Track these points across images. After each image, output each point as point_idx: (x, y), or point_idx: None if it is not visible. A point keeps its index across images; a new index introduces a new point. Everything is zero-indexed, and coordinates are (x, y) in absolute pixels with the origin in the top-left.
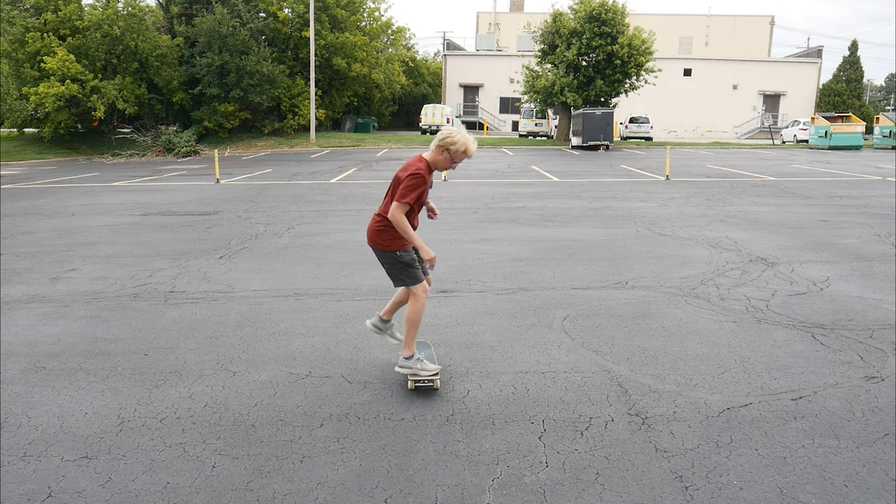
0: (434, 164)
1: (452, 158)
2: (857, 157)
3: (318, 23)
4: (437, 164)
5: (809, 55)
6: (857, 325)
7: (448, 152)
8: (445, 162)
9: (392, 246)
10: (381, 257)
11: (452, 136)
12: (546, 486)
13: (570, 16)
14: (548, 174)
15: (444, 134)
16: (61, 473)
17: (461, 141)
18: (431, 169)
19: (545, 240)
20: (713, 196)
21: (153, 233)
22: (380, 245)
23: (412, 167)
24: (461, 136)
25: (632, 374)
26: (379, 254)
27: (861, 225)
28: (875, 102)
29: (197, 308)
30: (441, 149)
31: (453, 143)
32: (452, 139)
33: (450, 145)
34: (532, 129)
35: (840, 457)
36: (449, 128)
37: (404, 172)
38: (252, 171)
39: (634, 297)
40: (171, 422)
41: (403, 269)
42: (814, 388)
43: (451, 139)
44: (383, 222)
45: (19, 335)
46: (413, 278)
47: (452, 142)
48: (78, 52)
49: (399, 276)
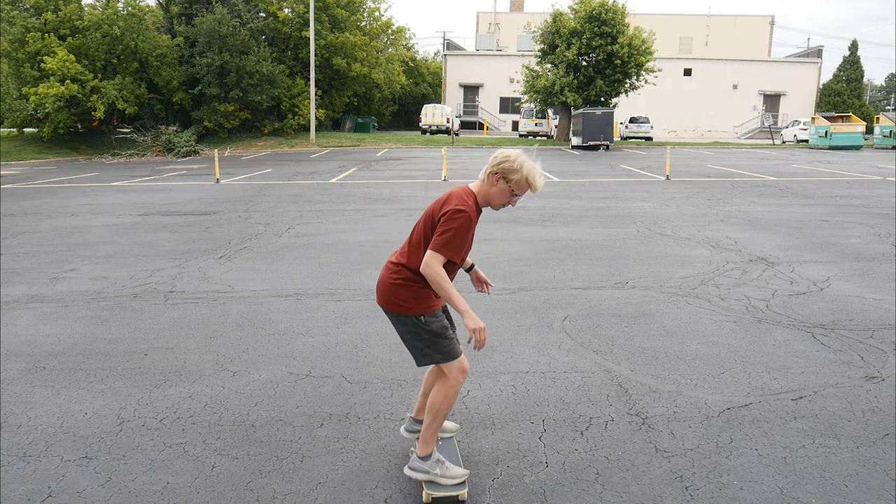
0: (486, 198)
1: (513, 191)
2: (858, 157)
3: (318, 23)
4: (490, 198)
5: (809, 55)
6: (858, 325)
7: (507, 181)
8: (503, 196)
9: (416, 308)
10: (399, 323)
11: (512, 161)
12: (546, 486)
13: (570, 16)
14: (548, 174)
15: (502, 157)
16: (61, 473)
17: (526, 168)
18: (480, 206)
19: (545, 240)
20: (713, 196)
21: (153, 233)
22: (398, 306)
23: (455, 199)
24: (524, 161)
25: (632, 374)
26: (395, 318)
27: (861, 225)
28: (875, 102)
29: (197, 308)
30: (497, 177)
31: (514, 169)
32: (512, 164)
33: (510, 173)
34: (532, 129)
35: (840, 457)
36: (506, 151)
37: (443, 207)
38: (252, 170)
39: (634, 297)
40: (171, 422)
41: (432, 341)
42: (814, 388)
43: (511, 164)
44: (403, 274)
45: (19, 335)
46: (446, 353)
47: (512, 168)
48: (78, 52)
49: (425, 351)
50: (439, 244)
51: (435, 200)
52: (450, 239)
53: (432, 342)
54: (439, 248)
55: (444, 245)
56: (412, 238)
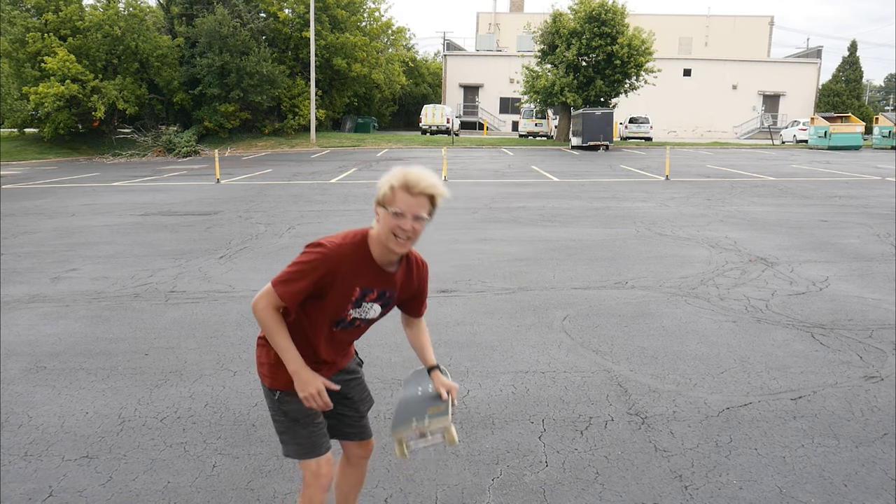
0: (378, 238)
1: (391, 210)
2: (857, 158)
3: (318, 23)
4: (380, 235)
5: (809, 55)
6: (857, 325)
7: (381, 205)
8: (385, 224)
9: (274, 379)
10: (265, 396)
11: (380, 181)
12: (546, 485)
13: (570, 16)
14: (548, 174)
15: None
16: (62, 473)
17: (392, 173)
18: (375, 255)
19: (545, 240)
20: (713, 196)
21: (154, 233)
22: (259, 371)
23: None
24: (392, 170)
25: (631, 374)
26: (263, 389)
27: (860, 225)
28: (874, 103)
29: (197, 308)
30: (376, 208)
31: (380, 185)
32: (379, 183)
33: (379, 192)
34: (532, 130)
35: (839, 456)
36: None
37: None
38: (252, 171)
39: (634, 297)
40: (171, 421)
41: (289, 427)
42: (813, 387)
43: (378, 184)
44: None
45: (20, 335)
46: (300, 446)
47: (379, 186)
48: (78, 53)
49: (282, 438)
50: (278, 277)
51: None
52: (291, 274)
53: (289, 427)
54: (275, 282)
55: (281, 279)
56: None
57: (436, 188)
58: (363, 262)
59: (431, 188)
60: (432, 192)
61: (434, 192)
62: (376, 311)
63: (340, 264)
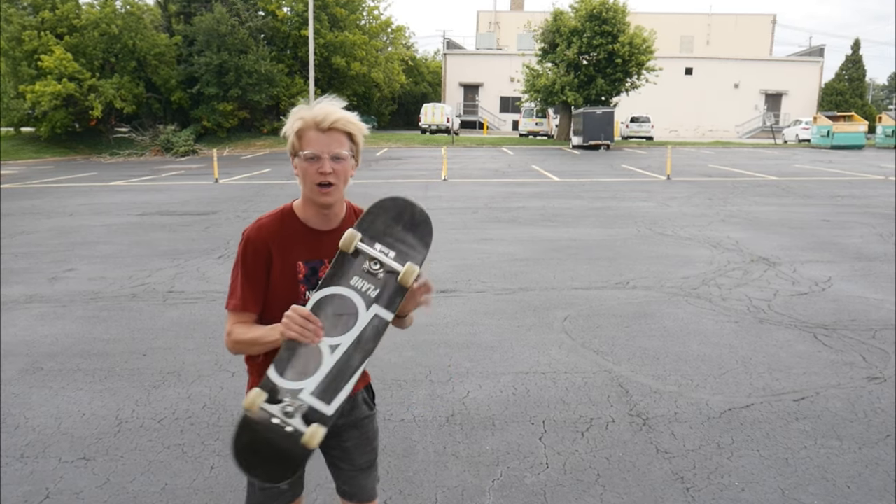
0: (303, 200)
1: (302, 156)
2: (860, 157)
3: (317, 21)
4: (304, 194)
5: (811, 54)
6: (860, 326)
7: (294, 155)
8: (304, 175)
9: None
10: None
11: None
12: (547, 487)
13: (571, 14)
14: (548, 174)
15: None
16: (59, 475)
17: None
18: (301, 216)
19: (546, 239)
20: (714, 196)
21: (151, 233)
22: None
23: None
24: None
25: (633, 375)
26: None
27: (863, 225)
28: (877, 101)
29: (196, 308)
30: (292, 158)
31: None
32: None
33: (287, 139)
34: (532, 129)
35: (842, 458)
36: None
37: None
38: (251, 170)
39: (635, 298)
40: (169, 423)
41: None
42: (816, 388)
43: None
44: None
45: (17, 335)
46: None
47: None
48: (75, 51)
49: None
50: (227, 297)
51: None
52: (232, 285)
53: (249, 492)
54: (227, 304)
55: (228, 297)
56: None
57: (349, 121)
58: (295, 233)
59: (344, 121)
60: (346, 127)
61: (349, 127)
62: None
63: (269, 242)
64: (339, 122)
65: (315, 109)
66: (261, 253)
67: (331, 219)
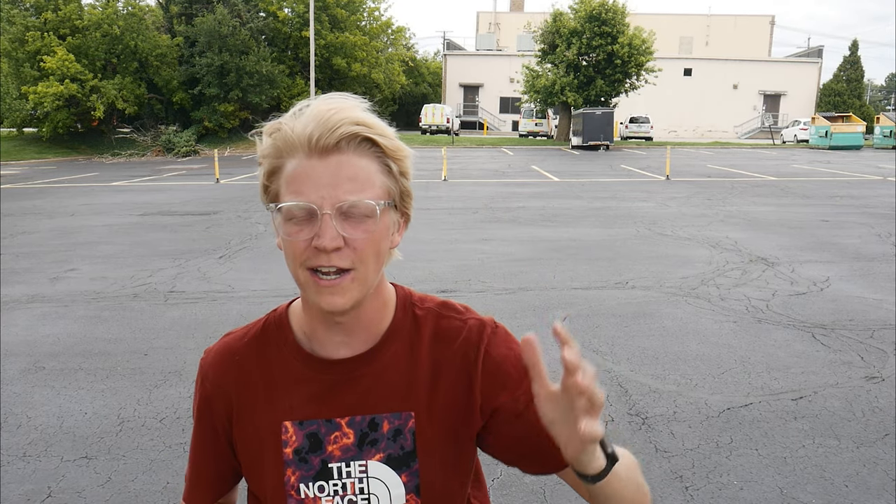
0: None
1: (286, 198)
2: (858, 157)
3: (317, 22)
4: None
5: (810, 55)
6: (858, 325)
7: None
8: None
9: None
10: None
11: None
12: (546, 486)
13: (571, 15)
14: (548, 174)
15: None
16: (61, 473)
17: (265, 134)
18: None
19: (545, 240)
20: (713, 196)
21: (153, 233)
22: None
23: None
24: (270, 126)
25: (632, 374)
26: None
27: (861, 225)
28: (876, 102)
29: (197, 308)
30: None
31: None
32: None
33: (259, 180)
34: (532, 129)
35: (840, 457)
36: None
37: None
38: (252, 170)
39: (635, 297)
40: (170, 422)
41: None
42: (814, 388)
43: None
44: None
45: (19, 335)
46: None
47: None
48: (77, 52)
49: None
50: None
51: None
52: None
53: None
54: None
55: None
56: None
57: (370, 124)
58: (284, 365)
59: (365, 127)
60: (368, 134)
61: (375, 136)
62: (381, 486)
63: (229, 383)
64: (353, 128)
65: (305, 114)
66: (214, 401)
67: (354, 333)
